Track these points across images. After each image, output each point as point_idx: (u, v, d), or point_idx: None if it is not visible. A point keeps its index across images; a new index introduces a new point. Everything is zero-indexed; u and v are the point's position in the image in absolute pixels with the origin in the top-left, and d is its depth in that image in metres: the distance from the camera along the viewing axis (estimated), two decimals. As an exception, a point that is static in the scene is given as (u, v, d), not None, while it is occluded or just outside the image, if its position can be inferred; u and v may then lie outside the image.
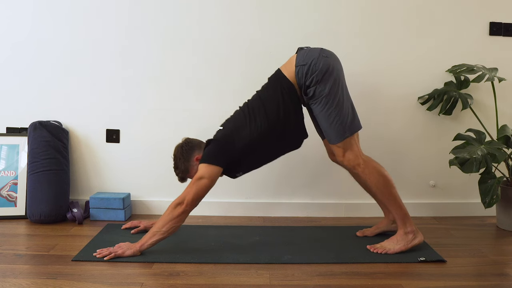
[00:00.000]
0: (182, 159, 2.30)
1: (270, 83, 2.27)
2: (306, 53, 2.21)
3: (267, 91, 2.26)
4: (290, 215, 2.91)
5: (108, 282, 1.87)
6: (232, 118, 2.30)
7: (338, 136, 2.18)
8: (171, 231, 2.12)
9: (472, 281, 1.95)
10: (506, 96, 2.91)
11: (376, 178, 2.21)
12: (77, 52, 2.83)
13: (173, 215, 2.11)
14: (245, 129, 2.19)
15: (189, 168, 2.30)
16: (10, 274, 1.92)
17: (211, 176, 2.14)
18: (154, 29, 2.82)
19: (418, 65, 2.89)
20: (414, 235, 2.24)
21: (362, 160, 2.21)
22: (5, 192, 2.74)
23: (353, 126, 2.19)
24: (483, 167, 2.45)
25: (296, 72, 2.17)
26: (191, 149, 2.31)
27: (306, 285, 1.88)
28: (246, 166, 2.29)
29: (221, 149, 2.19)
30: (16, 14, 2.80)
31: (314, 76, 2.14)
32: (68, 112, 2.86)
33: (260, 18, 2.83)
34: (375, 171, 2.21)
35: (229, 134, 2.21)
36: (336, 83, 2.16)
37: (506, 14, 2.90)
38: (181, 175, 2.33)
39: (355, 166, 2.22)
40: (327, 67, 2.15)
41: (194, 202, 2.13)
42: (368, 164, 2.21)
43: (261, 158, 2.31)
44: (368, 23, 2.86)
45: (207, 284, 1.89)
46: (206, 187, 2.14)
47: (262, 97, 2.25)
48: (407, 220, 2.24)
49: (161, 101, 2.86)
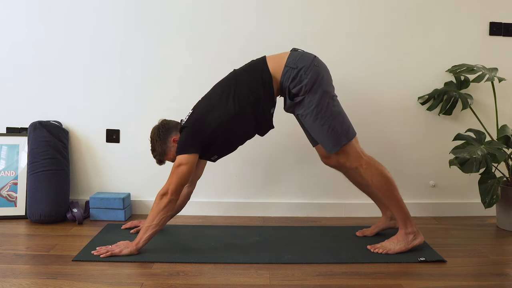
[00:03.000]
0: (159, 141, 2.30)
1: (252, 69, 2.23)
2: (299, 56, 2.18)
3: (245, 75, 2.22)
4: (290, 215, 2.91)
5: (108, 282, 1.87)
6: (203, 98, 2.29)
7: (335, 145, 2.18)
8: (162, 223, 2.14)
9: (472, 281, 1.95)
10: (506, 96, 2.91)
11: (379, 180, 2.20)
12: (77, 52, 2.83)
13: (160, 206, 2.12)
14: (215, 111, 2.18)
15: (166, 150, 2.30)
16: (10, 274, 1.92)
17: (188, 162, 2.14)
18: (154, 29, 2.82)
19: (418, 65, 2.89)
20: (415, 236, 2.24)
21: (364, 161, 2.20)
22: (5, 192, 2.74)
23: (349, 134, 2.18)
24: (483, 167, 2.46)
25: (284, 72, 2.16)
26: (168, 130, 2.31)
27: (306, 285, 1.88)
28: (219, 149, 2.27)
29: (192, 137, 2.18)
30: (14, 14, 2.80)
31: (303, 85, 2.12)
32: (68, 112, 2.86)
33: (257, 18, 2.83)
34: (377, 172, 2.20)
35: (198, 119, 2.20)
36: (326, 93, 2.15)
37: (506, 14, 2.90)
38: (158, 157, 2.33)
39: (357, 167, 2.21)
40: (316, 77, 2.13)
41: (177, 190, 2.14)
42: (371, 165, 2.20)
43: (232, 140, 2.27)
44: (367, 23, 2.86)
45: (207, 284, 1.89)
46: (186, 173, 2.14)
47: (238, 81, 2.21)
48: (408, 221, 2.24)
49: (161, 101, 2.86)
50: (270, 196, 2.93)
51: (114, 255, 2.12)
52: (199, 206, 2.85)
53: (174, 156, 2.26)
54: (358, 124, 2.49)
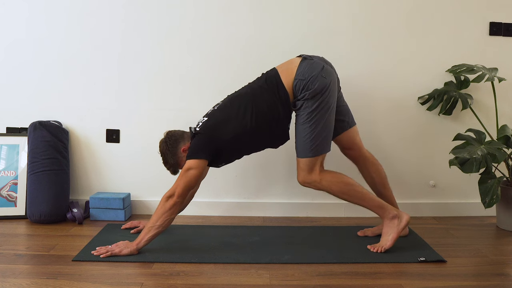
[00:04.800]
0: (170, 154, 2.31)
1: (268, 86, 2.25)
2: (308, 66, 2.20)
3: (263, 93, 2.24)
4: (290, 215, 2.91)
5: (108, 282, 1.87)
6: (219, 108, 2.29)
7: (302, 152, 2.23)
8: (165, 225, 2.14)
9: (472, 281, 1.95)
10: (506, 96, 2.91)
11: (337, 186, 2.25)
12: (78, 52, 2.83)
13: (165, 208, 2.13)
14: (231, 123, 2.20)
15: (178, 160, 2.32)
16: (10, 274, 1.92)
17: (198, 166, 2.16)
18: (155, 29, 2.82)
19: (418, 65, 2.89)
20: (399, 217, 2.25)
21: (318, 178, 2.24)
22: (5, 192, 2.74)
23: (319, 149, 2.21)
24: (483, 167, 2.46)
25: (294, 85, 2.20)
26: (176, 142, 2.32)
27: (306, 285, 1.88)
28: (228, 157, 2.31)
29: (206, 144, 2.20)
30: (15, 14, 2.80)
31: (307, 93, 2.16)
32: (68, 112, 2.86)
33: (257, 18, 2.83)
34: (331, 180, 2.25)
35: (214, 127, 2.22)
36: (323, 105, 2.18)
37: (506, 14, 2.90)
38: (172, 169, 2.35)
39: (311, 184, 2.26)
40: (322, 88, 2.17)
41: (184, 193, 2.15)
42: (324, 178, 2.24)
43: (242, 151, 2.33)
44: (367, 23, 2.86)
45: (207, 284, 1.89)
46: (195, 178, 2.16)
47: (256, 96, 2.23)
48: (385, 207, 2.26)
49: (161, 101, 2.86)
50: (270, 196, 2.93)
51: (114, 255, 2.12)
52: (199, 206, 2.85)
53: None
54: (358, 123, 2.50)
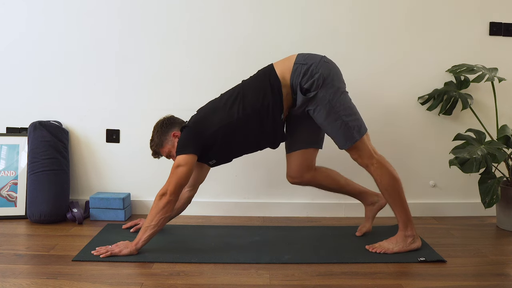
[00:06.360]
0: (159, 132, 2.31)
1: (259, 76, 2.25)
2: (307, 55, 2.21)
3: (252, 81, 2.25)
4: (290, 215, 2.91)
5: (108, 282, 1.87)
6: (210, 102, 2.30)
7: (347, 141, 2.17)
8: (161, 223, 2.13)
9: (472, 281, 1.95)
10: (506, 96, 2.91)
11: (388, 180, 2.20)
12: (77, 52, 2.83)
13: (159, 207, 2.12)
14: (218, 114, 2.19)
15: (163, 141, 2.31)
16: (10, 274, 1.92)
17: (187, 162, 2.14)
18: (154, 29, 2.82)
19: (418, 65, 2.89)
20: (413, 239, 2.24)
21: (375, 160, 2.20)
22: (5, 192, 2.74)
23: (361, 130, 2.19)
24: (483, 167, 2.46)
25: (294, 70, 2.16)
26: (171, 124, 2.32)
27: (306, 285, 1.88)
28: (218, 154, 2.27)
29: (193, 137, 2.19)
30: (13, 14, 2.80)
31: (315, 79, 2.12)
32: (68, 112, 2.86)
33: (256, 18, 2.83)
34: (387, 172, 2.20)
35: (200, 121, 2.22)
36: (338, 89, 2.16)
37: (506, 14, 2.90)
38: (154, 147, 2.33)
39: (368, 165, 2.21)
40: (329, 72, 2.15)
41: (176, 191, 2.14)
42: (382, 165, 2.20)
43: (233, 146, 2.26)
44: (367, 23, 2.86)
45: (207, 284, 1.89)
46: (185, 174, 2.14)
47: (244, 87, 2.23)
48: (410, 224, 2.24)
49: (161, 101, 2.86)
50: (270, 196, 2.93)
51: (114, 255, 2.12)
52: (199, 206, 2.85)
53: (169, 151, 2.30)
54: (358, 124, 2.50)
